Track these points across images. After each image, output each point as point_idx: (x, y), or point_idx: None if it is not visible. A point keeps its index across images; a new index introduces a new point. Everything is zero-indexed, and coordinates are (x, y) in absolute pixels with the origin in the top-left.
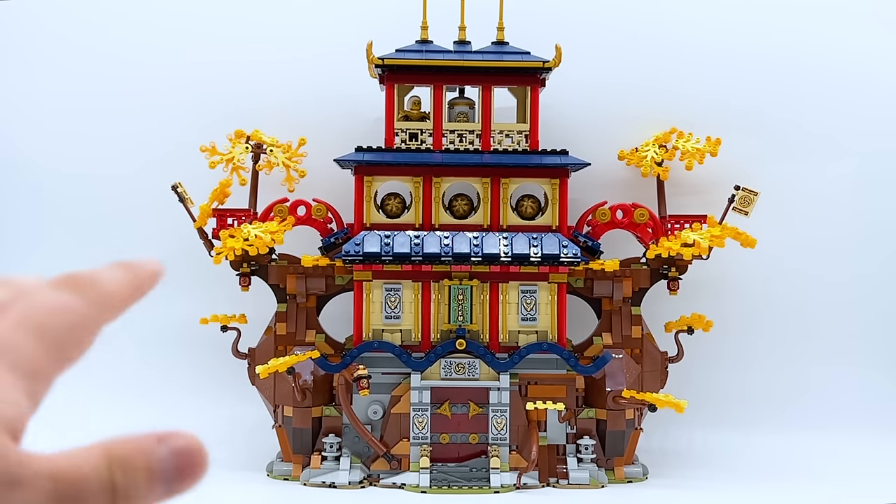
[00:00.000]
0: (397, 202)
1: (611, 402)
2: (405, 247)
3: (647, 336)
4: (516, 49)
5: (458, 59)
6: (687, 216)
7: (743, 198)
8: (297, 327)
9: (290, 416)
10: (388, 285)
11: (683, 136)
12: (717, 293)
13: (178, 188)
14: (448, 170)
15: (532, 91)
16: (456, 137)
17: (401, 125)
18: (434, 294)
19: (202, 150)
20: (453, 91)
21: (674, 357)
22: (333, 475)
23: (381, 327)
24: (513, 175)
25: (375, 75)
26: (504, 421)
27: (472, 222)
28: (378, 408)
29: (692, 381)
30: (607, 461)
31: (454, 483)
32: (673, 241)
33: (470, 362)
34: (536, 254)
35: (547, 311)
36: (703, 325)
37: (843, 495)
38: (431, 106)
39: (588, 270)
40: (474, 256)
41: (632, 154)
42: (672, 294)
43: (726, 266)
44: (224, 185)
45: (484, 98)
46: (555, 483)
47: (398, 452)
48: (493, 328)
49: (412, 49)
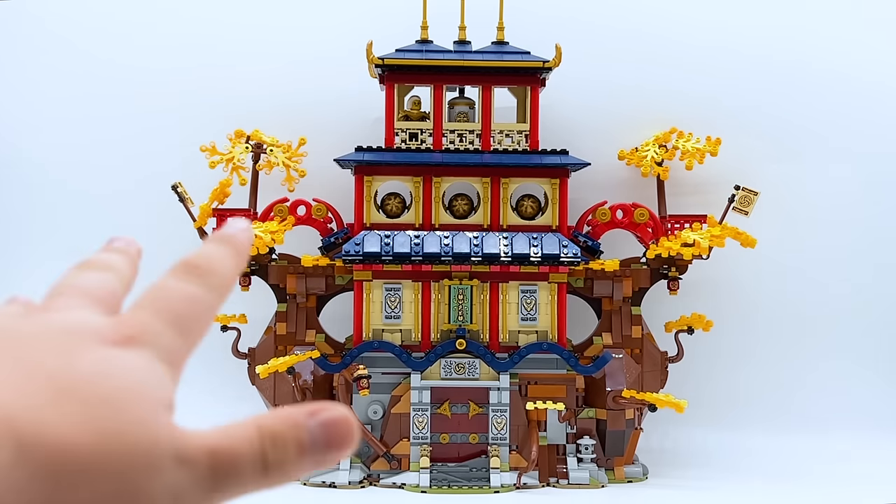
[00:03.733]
0: (397, 202)
1: (611, 402)
2: (405, 247)
3: (647, 336)
4: (516, 49)
5: (458, 59)
6: (687, 216)
7: (743, 198)
8: (297, 327)
9: None
10: (388, 285)
11: (683, 136)
12: (718, 293)
13: (178, 188)
14: (448, 170)
15: (532, 91)
16: (456, 137)
17: (401, 125)
18: (434, 294)
19: (202, 149)
20: (453, 91)
21: (674, 357)
22: (333, 475)
23: (381, 327)
24: (513, 175)
25: (375, 75)
26: (504, 421)
27: (472, 222)
28: (378, 408)
29: (692, 381)
30: (607, 461)
31: (454, 483)
32: (673, 241)
33: (470, 362)
34: (536, 254)
35: (547, 310)
36: (704, 325)
37: (843, 495)
38: (431, 106)
39: (588, 270)
40: (474, 256)
41: (632, 154)
42: (672, 294)
43: (726, 266)
44: (224, 185)
45: (484, 98)
46: (555, 483)
47: (398, 452)
48: (493, 328)
49: (412, 49)
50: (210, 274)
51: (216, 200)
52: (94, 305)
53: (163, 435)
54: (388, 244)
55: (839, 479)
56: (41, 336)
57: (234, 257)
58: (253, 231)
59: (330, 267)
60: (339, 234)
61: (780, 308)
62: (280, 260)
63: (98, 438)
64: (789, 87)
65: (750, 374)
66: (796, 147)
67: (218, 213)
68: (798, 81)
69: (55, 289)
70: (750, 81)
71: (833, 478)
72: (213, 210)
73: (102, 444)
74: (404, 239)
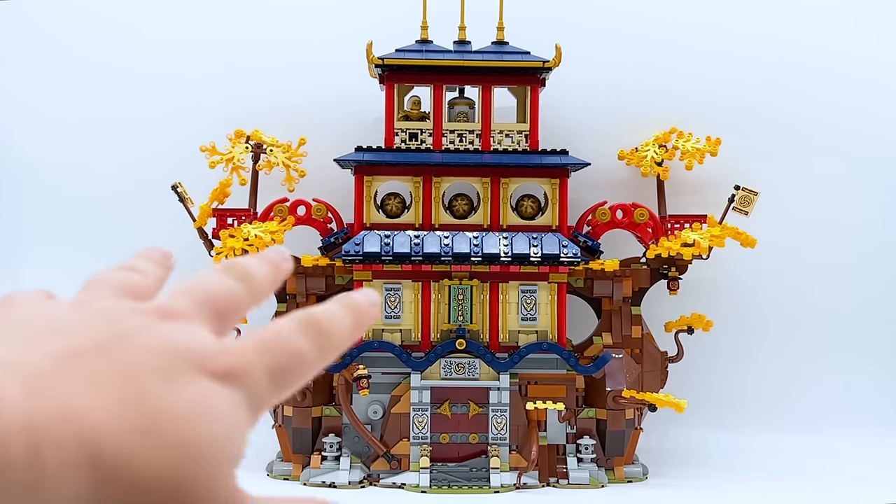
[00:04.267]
0: (397, 202)
1: (611, 402)
2: (405, 247)
3: (647, 336)
4: (516, 49)
5: (458, 59)
6: (687, 216)
7: (743, 198)
8: None
9: (289, 416)
10: (388, 285)
11: (683, 136)
12: (718, 293)
13: (178, 188)
14: (448, 170)
15: (532, 91)
16: (456, 137)
17: (401, 125)
18: (434, 294)
19: (202, 150)
20: (453, 91)
21: (674, 357)
22: (333, 475)
23: (381, 327)
24: (513, 175)
25: (375, 75)
26: (504, 421)
27: (472, 222)
28: (378, 408)
29: (692, 381)
30: (607, 461)
31: (454, 483)
32: (673, 241)
33: (470, 362)
34: (536, 254)
35: (547, 310)
36: (703, 325)
37: (843, 495)
38: (431, 106)
39: (588, 270)
40: (474, 256)
41: (632, 154)
42: (672, 294)
43: (726, 266)
44: (224, 185)
45: (484, 98)
46: (555, 483)
47: (398, 452)
48: (493, 328)
49: (412, 49)
50: (326, 335)
51: (216, 200)
52: (210, 320)
53: (230, 498)
54: (388, 244)
55: (840, 477)
56: (147, 348)
57: (353, 328)
58: (378, 308)
59: (330, 267)
60: (339, 234)
61: (781, 308)
62: None
63: (174, 484)
64: (790, 87)
65: (750, 374)
66: (796, 147)
67: (218, 213)
68: (798, 82)
69: (176, 291)
70: (751, 82)
71: (834, 476)
72: (213, 210)
73: (175, 491)
74: (404, 239)
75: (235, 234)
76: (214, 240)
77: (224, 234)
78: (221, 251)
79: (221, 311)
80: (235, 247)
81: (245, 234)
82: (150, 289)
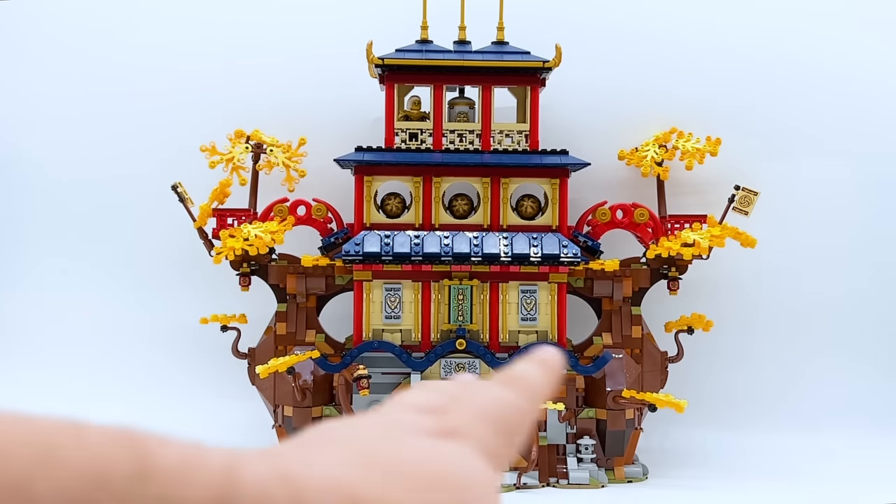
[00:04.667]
0: (397, 202)
1: (611, 402)
2: (405, 247)
3: (647, 336)
4: (516, 49)
5: (458, 59)
6: (687, 216)
7: (743, 198)
8: (297, 327)
9: (290, 416)
10: (388, 285)
11: (683, 136)
12: (717, 293)
13: (178, 188)
14: (448, 170)
15: (532, 91)
16: (456, 137)
17: (401, 125)
18: (434, 294)
19: (202, 150)
20: (453, 91)
21: (674, 357)
22: None
23: (381, 327)
24: (513, 175)
25: (375, 75)
26: None
27: (472, 222)
28: None
29: (692, 381)
30: (607, 461)
31: None
32: (673, 241)
33: (470, 362)
34: (536, 254)
35: (547, 311)
36: (704, 325)
37: (843, 495)
38: (431, 106)
39: (588, 270)
40: (474, 256)
41: (632, 154)
42: (672, 294)
43: (726, 266)
44: (224, 185)
45: (484, 98)
46: (555, 483)
47: None
48: (493, 328)
49: (412, 49)
50: (525, 385)
51: (216, 200)
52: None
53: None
54: (388, 244)
55: (840, 477)
56: (371, 425)
57: (546, 376)
58: (562, 362)
59: (330, 267)
60: (339, 234)
61: (781, 307)
62: (280, 260)
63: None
64: (790, 87)
65: (750, 374)
66: (796, 147)
67: (218, 213)
68: (798, 82)
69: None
70: (750, 82)
71: (834, 476)
72: (213, 210)
73: None
74: (404, 239)
75: (235, 234)
76: (214, 240)
77: (224, 234)
78: (221, 251)
79: (507, 428)
80: (235, 247)
81: (245, 234)
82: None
